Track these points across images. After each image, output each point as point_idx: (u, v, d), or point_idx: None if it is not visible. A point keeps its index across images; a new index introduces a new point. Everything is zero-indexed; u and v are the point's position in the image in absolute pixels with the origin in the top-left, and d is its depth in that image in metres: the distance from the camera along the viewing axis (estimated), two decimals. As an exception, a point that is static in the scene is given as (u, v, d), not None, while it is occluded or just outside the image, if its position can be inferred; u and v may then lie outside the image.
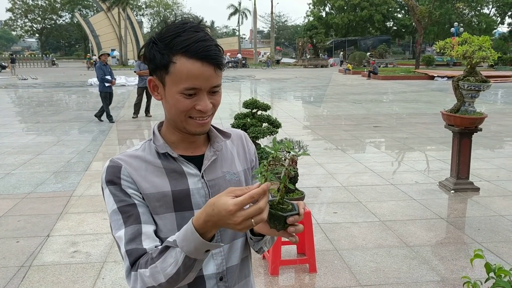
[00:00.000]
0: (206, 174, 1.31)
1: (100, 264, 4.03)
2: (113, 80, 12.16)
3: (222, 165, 1.35)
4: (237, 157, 1.41)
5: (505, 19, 69.58)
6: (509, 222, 4.95)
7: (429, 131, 10.69)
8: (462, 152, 6.02)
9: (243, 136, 1.49)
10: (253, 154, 1.48)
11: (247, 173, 1.42)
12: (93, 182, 6.52)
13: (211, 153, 1.33)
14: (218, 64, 1.20)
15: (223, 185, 1.31)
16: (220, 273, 1.29)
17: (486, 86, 5.79)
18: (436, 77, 29.33)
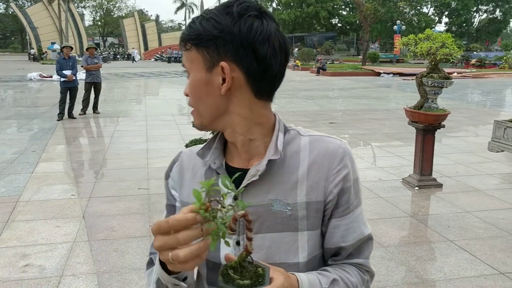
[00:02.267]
0: (244, 196, 1.02)
1: (57, 279, 3.64)
2: (69, 75, 11.37)
3: (271, 190, 1.03)
4: (304, 182, 1.03)
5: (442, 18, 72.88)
6: (476, 219, 4.98)
7: (383, 127, 10.82)
8: (425, 149, 6.04)
9: (337, 154, 1.05)
10: (335, 184, 1.03)
11: (315, 208, 1.03)
12: (42, 185, 6.02)
13: (253, 172, 1.02)
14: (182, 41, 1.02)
15: (267, 216, 1.02)
16: None
17: (449, 83, 5.82)
18: (382, 73, 30.09)
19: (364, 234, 1.08)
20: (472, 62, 38.66)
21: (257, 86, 1.01)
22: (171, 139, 9.16)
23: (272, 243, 1.02)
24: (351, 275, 1.05)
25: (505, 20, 72.56)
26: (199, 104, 1.04)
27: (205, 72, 0.99)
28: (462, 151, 8.28)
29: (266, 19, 0.99)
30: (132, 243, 4.31)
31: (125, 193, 5.77)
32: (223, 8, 0.98)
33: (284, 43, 1.02)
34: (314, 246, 1.05)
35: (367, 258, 1.10)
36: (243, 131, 1.04)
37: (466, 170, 7.00)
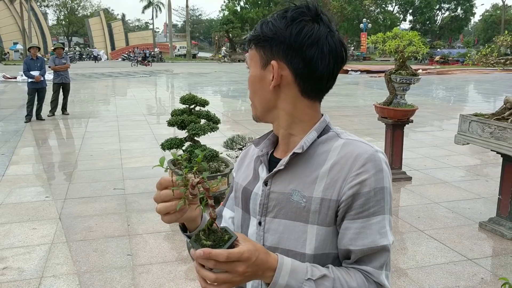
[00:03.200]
0: (272, 183, 1.14)
1: (37, 280, 3.63)
2: (37, 76, 11.13)
3: (293, 181, 1.11)
4: (324, 179, 1.08)
5: (407, 16, 74.50)
6: (444, 209, 5.21)
7: (353, 124, 11.07)
8: (395, 143, 6.25)
9: (361, 158, 1.07)
10: (351, 186, 1.05)
11: (327, 206, 1.07)
12: (14, 188, 5.93)
13: (282, 162, 1.13)
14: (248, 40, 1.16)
15: (285, 204, 1.11)
16: None
17: (416, 79, 6.04)
18: (350, 71, 30.61)
19: (377, 244, 1.05)
20: (436, 59, 39.76)
21: (304, 86, 1.11)
22: (144, 139, 9.13)
23: (285, 229, 1.11)
24: (352, 279, 1.04)
25: (466, 17, 74.77)
26: (254, 97, 1.18)
27: (260, 69, 1.12)
28: (429, 145, 8.58)
29: (320, 23, 1.08)
30: (111, 242, 4.33)
31: (101, 193, 5.75)
32: (282, 12, 1.10)
33: (335, 47, 1.09)
34: (324, 242, 1.08)
35: (377, 269, 1.06)
36: (285, 125, 1.15)
37: (433, 163, 7.27)
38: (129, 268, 3.83)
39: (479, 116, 4.63)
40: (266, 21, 1.11)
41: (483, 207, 5.27)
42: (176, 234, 4.51)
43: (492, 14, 75.13)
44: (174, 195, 0.97)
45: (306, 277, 1.00)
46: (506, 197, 4.54)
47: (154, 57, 48.54)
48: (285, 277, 0.99)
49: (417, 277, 3.70)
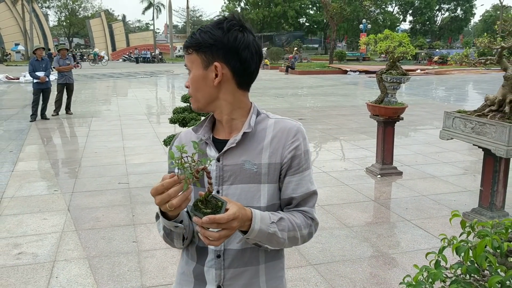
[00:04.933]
0: (224, 158, 1.44)
1: (51, 264, 3.94)
2: (42, 77, 11.46)
3: (243, 154, 1.42)
4: (268, 149, 1.42)
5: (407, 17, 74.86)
6: (431, 201, 5.51)
7: (349, 122, 11.37)
8: (386, 140, 6.55)
9: (291, 129, 1.44)
10: (289, 151, 1.42)
11: (273, 168, 1.42)
12: (24, 183, 6.24)
13: (232, 141, 1.43)
14: (185, 47, 1.42)
15: (239, 172, 1.42)
16: (218, 252, 1.45)
17: (406, 79, 6.34)
18: (349, 71, 30.89)
19: (310, 189, 1.46)
20: (434, 59, 39.99)
21: (240, 80, 1.43)
22: (146, 137, 9.43)
23: (242, 191, 1.42)
24: (296, 218, 1.43)
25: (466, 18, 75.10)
26: (197, 93, 1.45)
27: (203, 70, 1.41)
28: (422, 143, 8.88)
29: (247, 32, 1.41)
30: (117, 231, 4.64)
31: (106, 187, 6.06)
32: (216, 24, 1.40)
33: (259, 49, 1.44)
34: (273, 196, 1.44)
35: (311, 207, 1.48)
36: (227, 112, 1.46)
37: (424, 159, 7.57)
38: (135, 253, 4.14)
39: (461, 112, 4.93)
40: (204, 31, 1.38)
41: (468, 199, 5.57)
42: (178, 224, 4.81)
43: (492, 15, 75.39)
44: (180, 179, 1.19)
45: (270, 221, 1.36)
46: (487, 189, 4.84)
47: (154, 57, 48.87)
48: (258, 223, 1.32)
49: (401, 261, 4.00)
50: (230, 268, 1.45)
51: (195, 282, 1.51)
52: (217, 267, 1.45)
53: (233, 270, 1.45)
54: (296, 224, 1.42)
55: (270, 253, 1.50)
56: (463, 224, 1.49)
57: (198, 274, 1.49)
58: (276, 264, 1.54)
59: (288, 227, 1.40)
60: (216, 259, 1.45)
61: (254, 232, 1.32)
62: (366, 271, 3.83)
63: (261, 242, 1.38)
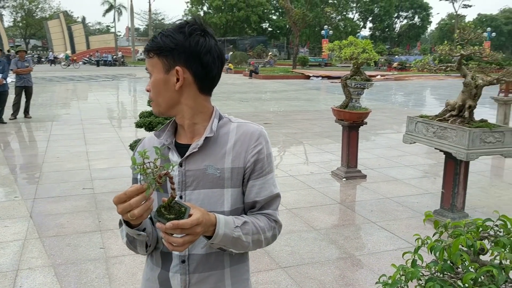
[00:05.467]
0: (186, 163, 1.43)
1: (14, 273, 3.81)
2: None
3: (206, 159, 1.42)
4: (231, 154, 1.42)
5: (367, 24, 76.66)
6: (394, 203, 5.67)
7: (314, 126, 11.53)
8: (351, 144, 6.69)
9: (253, 133, 1.45)
10: (252, 155, 1.43)
11: (236, 172, 1.42)
12: (-18, 189, 6.01)
13: (194, 145, 1.42)
14: (146, 51, 1.42)
15: (202, 177, 1.41)
16: (183, 257, 1.44)
17: (370, 84, 6.51)
18: (312, 76, 31.32)
19: (273, 192, 1.48)
20: (394, 65, 41.09)
21: (201, 85, 1.42)
22: (110, 142, 9.26)
23: (205, 196, 1.42)
24: (260, 221, 1.44)
25: (423, 26, 77.61)
26: (158, 97, 1.44)
27: (164, 74, 1.39)
28: (384, 146, 9.11)
29: (208, 36, 1.40)
30: (84, 237, 4.54)
31: (70, 193, 5.91)
32: (178, 28, 1.39)
33: (221, 53, 1.43)
34: (236, 200, 1.44)
35: (275, 210, 1.50)
36: (189, 116, 1.45)
37: (387, 162, 7.78)
38: (103, 260, 4.06)
39: (424, 117, 5.11)
40: (165, 34, 1.37)
41: (430, 201, 5.76)
42: (146, 229, 4.75)
43: (448, 23, 78.16)
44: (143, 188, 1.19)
45: (235, 225, 1.37)
46: (448, 191, 5.03)
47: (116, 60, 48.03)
48: (222, 228, 1.33)
49: (368, 262, 4.10)
50: (195, 273, 1.44)
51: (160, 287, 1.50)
52: (182, 272, 1.44)
53: (198, 275, 1.45)
54: (260, 227, 1.43)
55: (234, 257, 1.50)
56: (436, 224, 1.56)
57: (163, 280, 1.48)
58: (241, 267, 1.53)
59: (252, 231, 1.41)
60: (181, 264, 1.45)
61: (219, 237, 1.32)
62: (335, 272, 3.90)
63: (225, 247, 1.38)
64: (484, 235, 1.41)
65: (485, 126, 4.55)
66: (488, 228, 1.43)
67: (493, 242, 1.39)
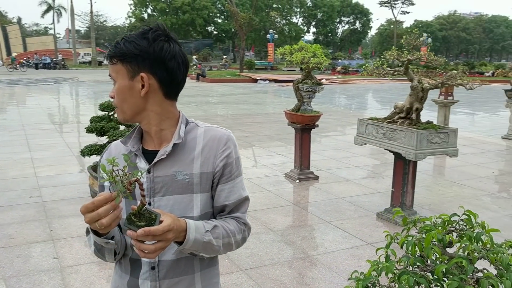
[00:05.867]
0: (154, 170, 1.42)
1: (-39, 287, 3.61)
2: None
3: (174, 164, 1.42)
4: (199, 159, 1.43)
5: (310, 28, 78.29)
6: (347, 203, 5.85)
7: (264, 129, 11.66)
8: (303, 146, 6.84)
9: (221, 138, 1.47)
10: (220, 160, 1.44)
11: (205, 177, 1.44)
12: None
13: (162, 152, 1.42)
14: (109, 57, 1.40)
15: (171, 183, 1.42)
16: (152, 263, 1.44)
17: (321, 88, 6.68)
18: (259, 80, 31.60)
19: (242, 196, 1.50)
20: (337, 69, 42.23)
21: (167, 90, 1.42)
22: (56, 148, 8.93)
23: (174, 202, 1.42)
24: (230, 224, 1.46)
25: (364, 31, 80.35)
26: (123, 104, 1.42)
27: (128, 80, 1.38)
28: (334, 148, 9.36)
29: (172, 42, 1.40)
30: (35, 248, 4.36)
31: (17, 202, 5.66)
32: (141, 34, 1.38)
33: (185, 59, 1.43)
34: (206, 205, 1.46)
35: (244, 213, 1.51)
36: (156, 123, 1.44)
37: (337, 164, 8.00)
38: (57, 270, 3.93)
39: (374, 119, 5.32)
40: (129, 40, 1.36)
41: (380, 200, 5.99)
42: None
43: (387, 28, 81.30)
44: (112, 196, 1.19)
45: (205, 230, 1.38)
46: (397, 190, 5.26)
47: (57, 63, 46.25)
48: (193, 233, 1.33)
49: (325, 261, 4.21)
50: (165, 279, 1.44)
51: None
52: (152, 279, 1.44)
53: (169, 281, 1.45)
54: (230, 231, 1.45)
55: (204, 261, 1.51)
56: (404, 221, 1.64)
57: (133, 287, 1.48)
58: (211, 271, 1.55)
59: (223, 234, 1.43)
60: (150, 271, 1.44)
61: (190, 242, 1.33)
62: (294, 272, 3.98)
63: (196, 251, 1.39)
64: (451, 229, 1.51)
65: (431, 127, 4.80)
66: (453, 223, 1.53)
67: (458, 236, 1.49)
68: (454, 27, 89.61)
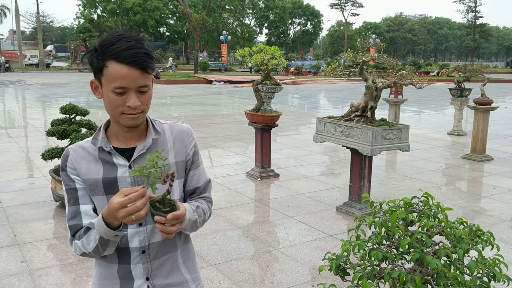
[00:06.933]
0: (134, 165, 1.55)
1: None
2: None
3: None
4: (171, 150, 1.62)
5: (263, 30, 79.00)
6: (307, 198, 6.10)
7: (223, 130, 11.80)
8: (264, 145, 7.05)
9: (186, 131, 1.68)
10: (190, 149, 1.66)
11: (181, 165, 1.64)
12: None
13: (140, 147, 1.56)
14: (144, 67, 1.45)
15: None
16: (143, 247, 1.58)
17: (280, 89, 6.91)
18: (214, 81, 31.67)
19: (207, 178, 1.75)
20: (291, 70, 42.88)
21: None
22: (11, 153, 8.71)
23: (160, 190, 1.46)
24: (203, 204, 1.69)
25: (315, 32, 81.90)
26: (148, 108, 1.55)
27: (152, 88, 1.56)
28: (291, 147, 9.64)
29: None
30: (1, 252, 4.32)
31: (-25, 208, 5.54)
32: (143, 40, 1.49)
33: None
34: (181, 189, 1.66)
35: (209, 193, 1.76)
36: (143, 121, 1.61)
37: (296, 161, 8.27)
38: (27, 273, 3.93)
39: (331, 118, 5.59)
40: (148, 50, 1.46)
41: (338, 194, 6.28)
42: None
43: (337, 30, 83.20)
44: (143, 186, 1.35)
45: (193, 210, 1.60)
46: (355, 184, 5.55)
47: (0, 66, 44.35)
48: (188, 214, 1.52)
49: (290, 253, 4.42)
50: (155, 260, 1.61)
51: (121, 282, 1.61)
52: (143, 262, 1.59)
53: (158, 260, 1.61)
54: (204, 209, 1.68)
55: (182, 238, 1.70)
56: (371, 205, 1.86)
57: (124, 273, 1.60)
58: (188, 245, 1.74)
59: (202, 212, 1.66)
60: (141, 255, 1.59)
61: (187, 222, 1.51)
62: (262, 264, 4.17)
63: (185, 229, 1.58)
64: (412, 210, 1.73)
65: (385, 124, 5.12)
66: (414, 205, 1.76)
67: (419, 216, 1.72)
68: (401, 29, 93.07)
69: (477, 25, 74.64)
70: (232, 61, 65.05)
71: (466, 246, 1.55)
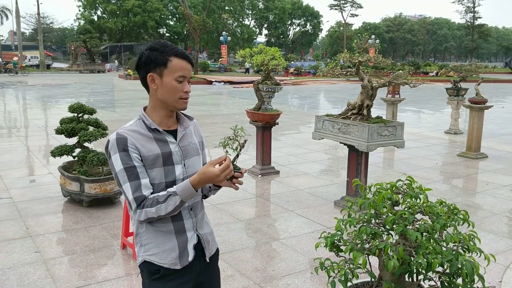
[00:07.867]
0: (180, 142, 1.99)
1: (-51, 281, 3.78)
2: None
3: (188, 137, 2.03)
4: (193, 133, 2.08)
5: (263, 30, 79.26)
6: (307, 194, 6.33)
7: (224, 130, 12.02)
8: (265, 143, 7.28)
9: (197, 123, 2.18)
10: (201, 136, 2.16)
11: (201, 144, 2.12)
12: None
13: (181, 129, 2.01)
14: (192, 63, 1.96)
15: (189, 150, 2.02)
16: (191, 205, 2.01)
17: (280, 88, 7.14)
18: (214, 81, 31.90)
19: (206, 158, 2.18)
20: (290, 70, 43.13)
21: None
22: (17, 151, 8.94)
23: (194, 162, 2.02)
24: None
25: (315, 33, 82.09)
26: None
27: None
28: (291, 145, 9.87)
29: None
30: (15, 243, 4.55)
31: (-12, 203, 5.77)
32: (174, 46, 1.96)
33: None
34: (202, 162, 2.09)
35: None
36: None
37: (296, 159, 8.50)
38: (41, 262, 4.16)
39: (329, 116, 5.82)
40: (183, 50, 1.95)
41: (336, 190, 6.52)
42: (79, 231, 4.89)
43: (336, 30, 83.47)
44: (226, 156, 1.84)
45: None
46: (352, 179, 5.78)
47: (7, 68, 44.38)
48: None
49: (290, 244, 4.65)
50: (198, 214, 2.04)
51: (176, 235, 1.97)
52: (192, 216, 2.01)
53: (199, 215, 2.05)
54: None
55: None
56: (361, 188, 2.08)
57: (179, 227, 1.97)
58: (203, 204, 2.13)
59: None
60: (190, 211, 2.00)
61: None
62: (264, 254, 4.40)
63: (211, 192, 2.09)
64: (397, 191, 1.96)
65: (380, 121, 5.35)
66: (399, 187, 1.99)
67: (403, 197, 1.95)
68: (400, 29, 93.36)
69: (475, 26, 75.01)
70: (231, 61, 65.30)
71: (443, 221, 1.78)
